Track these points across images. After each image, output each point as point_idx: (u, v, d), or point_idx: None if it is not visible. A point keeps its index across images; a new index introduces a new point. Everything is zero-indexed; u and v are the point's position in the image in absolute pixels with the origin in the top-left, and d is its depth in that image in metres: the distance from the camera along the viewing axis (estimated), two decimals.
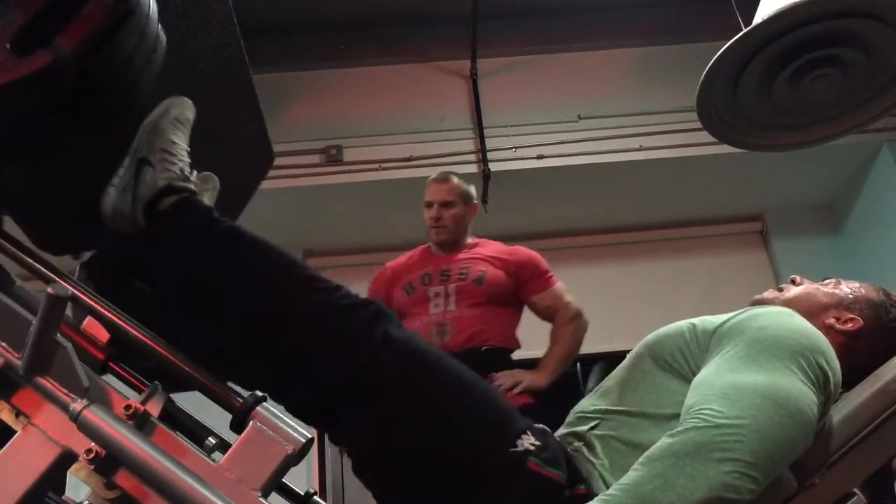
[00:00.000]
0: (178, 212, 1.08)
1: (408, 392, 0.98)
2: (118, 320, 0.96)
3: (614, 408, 1.10)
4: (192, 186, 1.11)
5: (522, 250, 2.62)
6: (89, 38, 0.76)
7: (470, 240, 2.67)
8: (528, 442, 0.97)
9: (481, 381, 1.06)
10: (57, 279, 0.93)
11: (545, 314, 2.59)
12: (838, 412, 1.06)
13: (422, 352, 1.03)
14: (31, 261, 0.95)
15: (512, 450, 0.96)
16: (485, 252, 2.61)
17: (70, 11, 0.77)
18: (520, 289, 2.55)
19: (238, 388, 0.98)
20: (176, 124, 1.12)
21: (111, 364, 1.02)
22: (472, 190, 2.72)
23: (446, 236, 2.61)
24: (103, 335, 1.01)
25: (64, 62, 0.75)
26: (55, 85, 0.77)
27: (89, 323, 1.01)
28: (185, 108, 1.14)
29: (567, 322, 2.53)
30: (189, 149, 1.14)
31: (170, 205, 1.08)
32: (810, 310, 1.15)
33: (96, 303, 0.96)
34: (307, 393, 0.99)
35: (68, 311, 0.98)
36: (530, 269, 2.57)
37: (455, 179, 2.67)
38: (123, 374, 1.06)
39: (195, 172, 1.15)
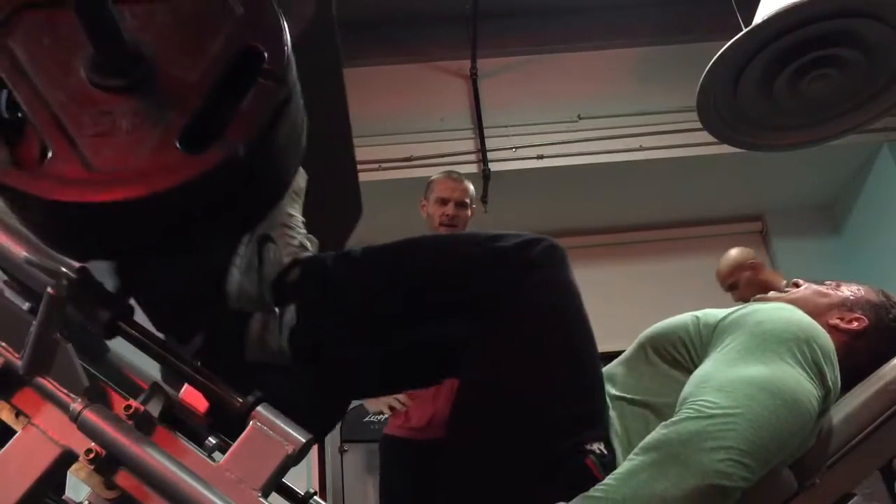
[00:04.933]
0: (307, 277, 1.06)
1: (542, 333, 1.00)
2: (208, 382, 0.91)
3: (615, 393, 1.10)
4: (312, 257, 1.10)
5: None
6: (258, 128, 0.73)
7: None
8: (597, 447, 0.98)
9: (600, 374, 1.07)
10: (176, 361, 0.91)
11: None
12: (838, 412, 1.06)
13: (576, 305, 1.04)
14: (156, 347, 0.91)
15: (584, 445, 0.97)
16: None
17: (229, 100, 0.74)
18: None
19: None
20: (293, 196, 1.10)
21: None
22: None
23: None
24: (202, 404, 0.99)
25: (239, 156, 0.72)
26: (230, 180, 0.75)
27: (187, 391, 0.99)
28: (300, 178, 1.12)
29: None
30: (304, 219, 1.12)
31: (297, 276, 1.06)
32: (814, 310, 1.16)
33: (192, 369, 0.92)
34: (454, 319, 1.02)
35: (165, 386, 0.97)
36: None
37: (466, 181, 2.68)
38: (224, 445, 1.04)
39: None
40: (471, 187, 2.67)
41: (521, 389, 0.98)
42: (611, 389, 1.11)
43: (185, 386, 0.98)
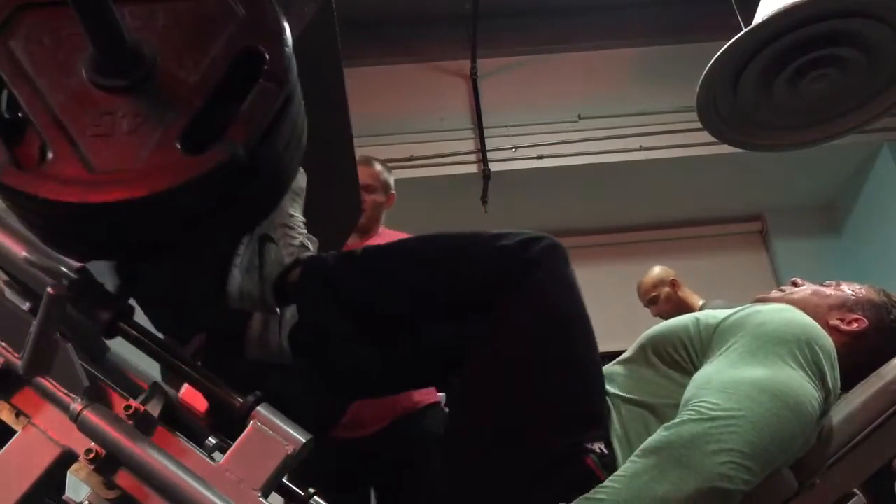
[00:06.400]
0: (308, 277, 1.06)
1: (543, 332, 1.00)
2: (207, 383, 0.91)
3: (614, 392, 1.10)
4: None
5: None
6: (258, 130, 0.73)
7: (381, 229, 2.57)
8: (598, 446, 0.98)
9: (601, 375, 1.07)
10: (175, 361, 0.90)
11: None
12: (838, 412, 1.06)
13: (577, 304, 1.04)
14: (156, 347, 0.90)
15: (585, 444, 0.97)
16: (390, 239, 2.55)
17: (230, 101, 0.74)
18: None
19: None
20: (293, 196, 1.10)
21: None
22: (392, 180, 2.63)
23: (363, 220, 2.47)
24: (202, 404, 0.99)
25: (239, 157, 0.72)
26: (229, 181, 0.74)
27: (187, 391, 0.99)
28: (300, 178, 1.12)
29: None
30: (305, 219, 1.12)
31: (298, 276, 1.06)
32: (814, 311, 1.15)
33: (191, 368, 0.91)
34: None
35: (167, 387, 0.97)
36: None
37: (378, 165, 2.60)
38: (224, 445, 1.04)
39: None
40: (383, 172, 2.57)
41: (521, 388, 0.98)
42: (610, 389, 1.11)
43: (185, 386, 0.98)
